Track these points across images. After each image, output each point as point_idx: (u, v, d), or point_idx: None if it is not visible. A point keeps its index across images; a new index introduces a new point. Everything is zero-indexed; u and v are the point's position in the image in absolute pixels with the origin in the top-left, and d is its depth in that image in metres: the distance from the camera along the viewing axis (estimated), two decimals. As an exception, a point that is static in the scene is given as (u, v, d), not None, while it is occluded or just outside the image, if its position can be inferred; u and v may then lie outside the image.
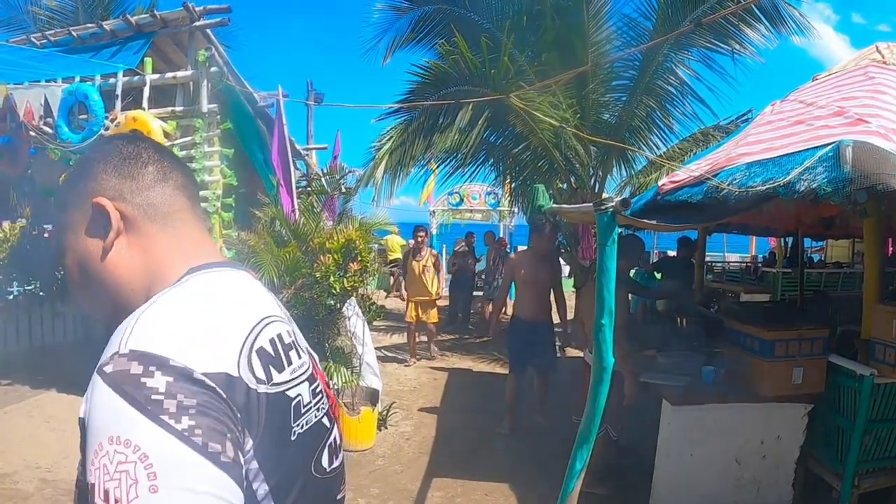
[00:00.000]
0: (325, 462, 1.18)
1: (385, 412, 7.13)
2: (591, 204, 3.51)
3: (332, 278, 5.51)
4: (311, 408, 1.14)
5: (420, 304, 10.57)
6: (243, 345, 1.01)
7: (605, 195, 11.30)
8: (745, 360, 5.00)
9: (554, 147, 10.23)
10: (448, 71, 9.30)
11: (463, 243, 15.55)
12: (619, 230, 3.54)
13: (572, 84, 10.47)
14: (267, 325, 1.09)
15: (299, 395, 1.11)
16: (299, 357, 1.16)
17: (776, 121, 4.72)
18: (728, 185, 3.79)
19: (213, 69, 6.21)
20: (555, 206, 6.82)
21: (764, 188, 3.44)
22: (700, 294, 8.26)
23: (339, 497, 1.27)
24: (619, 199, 3.61)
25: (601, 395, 3.17)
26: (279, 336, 1.11)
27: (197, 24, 6.39)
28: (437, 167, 12.84)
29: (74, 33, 6.85)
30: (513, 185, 12.79)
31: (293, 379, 1.10)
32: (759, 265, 19.29)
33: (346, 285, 5.55)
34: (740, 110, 11.86)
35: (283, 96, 7.31)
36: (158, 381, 0.88)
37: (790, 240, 14.21)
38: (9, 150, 6.58)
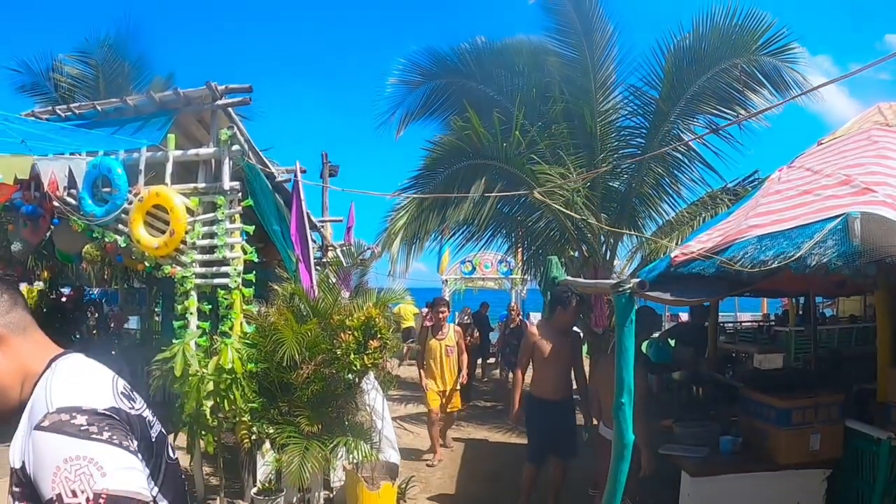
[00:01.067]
0: (171, 453, 1.72)
1: (404, 485, 7.09)
2: (608, 283, 3.58)
3: (352, 355, 5.57)
4: (154, 423, 1.68)
5: (443, 392, 9.10)
6: (114, 389, 1.56)
7: (616, 262, 11.44)
8: (761, 428, 5.00)
9: (566, 217, 10.37)
10: (460, 145, 9.52)
11: (466, 315, 15.63)
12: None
13: (582, 153, 10.67)
14: (116, 378, 1.62)
15: (147, 415, 1.65)
16: (136, 395, 1.68)
17: (784, 190, 4.80)
18: (740, 261, 3.86)
19: (234, 147, 6.38)
20: (570, 278, 6.90)
21: (776, 264, 3.51)
22: (714, 359, 8.25)
23: (182, 477, 1.80)
24: (636, 280, 3.69)
25: (622, 473, 3.20)
26: (124, 385, 1.63)
27: (219, 102, 6.57)
28: (451, 237, 12.97)
29: (99, 107, 7.03)
30: (525, 253, 12.87)
31: (142, 406, 1.64)
32: (772, 324, 19.11)
33: (367, 362, 5.60)
34: (746, 172, 11.92)
35: (301, 171, 7.48)
36: (81, 419, 1.39)
37: (802, 298, 14.18)
38: (32, 218, 6.72)
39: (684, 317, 15.66)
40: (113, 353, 11.12)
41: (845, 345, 13.54)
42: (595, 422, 5.90)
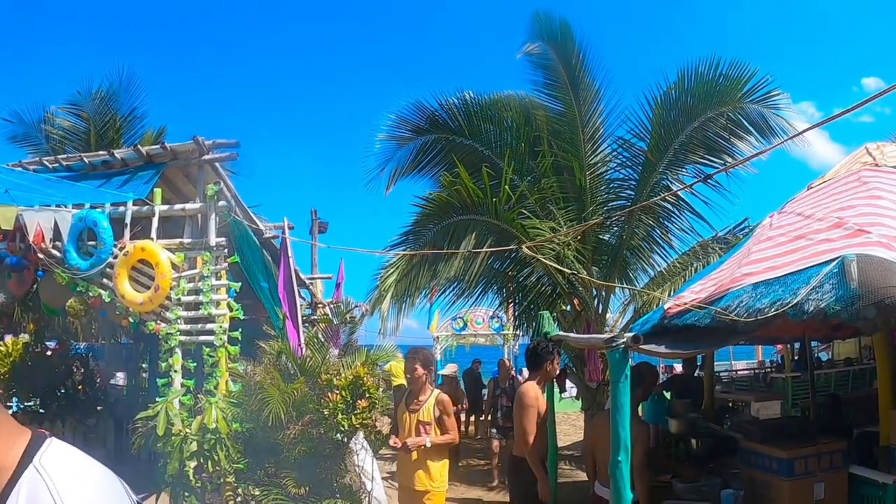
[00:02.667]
0: None
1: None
2: (601, 337, 3.48)
3: (340, 415, 5.42)
4: None
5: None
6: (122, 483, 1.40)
7: (608, 315, 11.31)
8: (763, 479, 4.85)
9: (557, 271, 10.29)
10: (450, 201, 9.45)
11: (451, 371, 14.12)
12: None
13: (572, 206, 10.63)
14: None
15: None
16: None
17: (776, 236, 4.75)
18: (735, 310, 3.77)
19: (221, 203, 6.31)
20: (562, 333, 6.77)
21: (773, 312, 3.42)
22: (711, 410, 8.08)
23: None
24: (629, 335, 3.59)
25: (622, 531, 3.06)
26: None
27: (206, 157, 6.53)
28: (441, 294, 12.82)
29: (86, 160, 6.99)
30: (516, 309, 12.72)
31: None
32: (768, 371, 18.90)
33: (355, 422, 5.44)
34: (736, 220, 11.91)
35: (289, 228, 7.41)
36: None
37: (797, 344, 14.03)
38: (17, 270, 6.64)
39: (679, 368, 15.49)
40: (99, 409, 10.99)
41: (843, 388, 13.35)
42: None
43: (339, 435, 5.59)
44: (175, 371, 5.98)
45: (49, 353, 11.67)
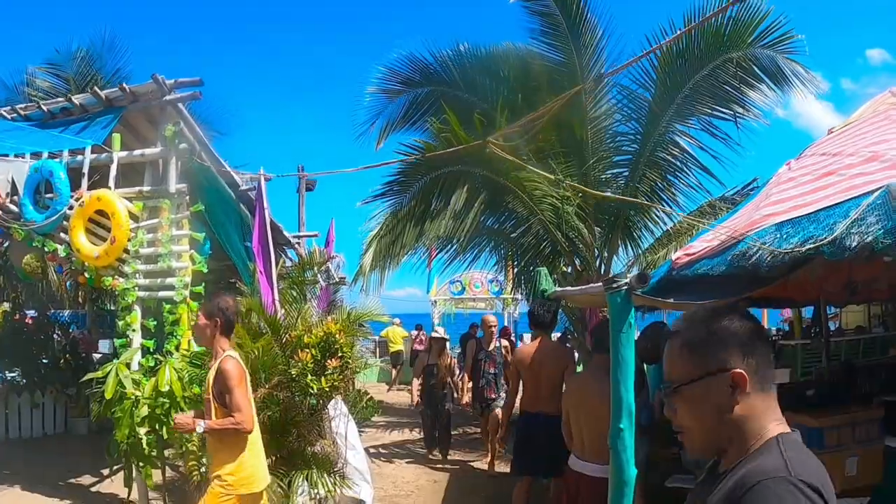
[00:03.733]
0: None
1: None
2: (600, 283, 2.96)
3: (309, 377, 4.85)
4: None
5: None
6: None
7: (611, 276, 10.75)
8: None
9: (556, 228, 9.73)
10: (440, 150, 8.83)
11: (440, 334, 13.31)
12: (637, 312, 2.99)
13: (572, 161, 10.08)
14: None
15: None
16: None
17: (798, 176, 4.22)
18: (755, 256, 3.23)
19: (182, 146, 5.73)
20: (559, 289, 6.27)
21: (805, 248, 2.88)
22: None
23: None
24: (633, 274, 3.06)
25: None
26: None
27: (168, 97, 5.95)
28: (436, 255, 12.29)
29: (45, 108, 6.50)
30: (515, 270, 12.14)
31: None
32: (775, 339, 18.40)
33: (325, 384, 4.87)
34: (745, 180, 11.33)
35: (266, 178, 6.86)
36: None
37: (805, 310, 13.50)
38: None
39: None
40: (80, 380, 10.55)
41: (853, 356, 12.87)
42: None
43: (311, 399, 5.03)
44: (133, 330, 5.46)
45: (29, 321, 11.31)
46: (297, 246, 10.49)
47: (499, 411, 8.59)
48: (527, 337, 16.87)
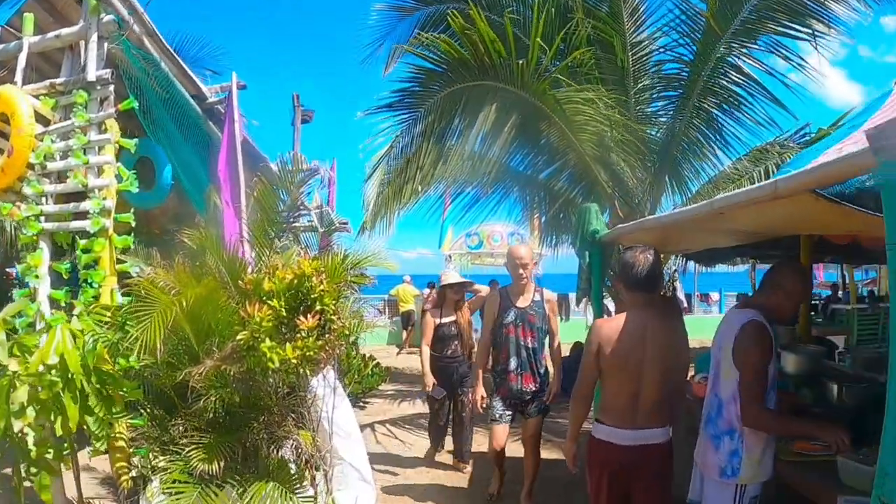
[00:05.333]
0: None
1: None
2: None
3: (267, 342, 3.18)
4: None
5: None
6: None
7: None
8: None
9: (597, 162, 8.12)
10: (464, 57, 7.09)
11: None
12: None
13: (611, 89, 8.49)
14: None
15: None
16: None
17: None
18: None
19: (107, 18, 4.11)
20: (620, 226, 4.78)
21: None
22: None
23: None
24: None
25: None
26: None
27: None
28: (451, 204, 10.79)
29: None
30: (542, 219, 10.43)
31: None
32: (824, 302, 16.81)
33: (291, 354, 3.16)
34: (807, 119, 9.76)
35: (239, 87, 5.33)
36: None
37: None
38: None
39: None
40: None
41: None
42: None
43: (271, 377, 3.43)
44: (37, 276, 3.89)
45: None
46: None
47: (538, 418, 5.41)
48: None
